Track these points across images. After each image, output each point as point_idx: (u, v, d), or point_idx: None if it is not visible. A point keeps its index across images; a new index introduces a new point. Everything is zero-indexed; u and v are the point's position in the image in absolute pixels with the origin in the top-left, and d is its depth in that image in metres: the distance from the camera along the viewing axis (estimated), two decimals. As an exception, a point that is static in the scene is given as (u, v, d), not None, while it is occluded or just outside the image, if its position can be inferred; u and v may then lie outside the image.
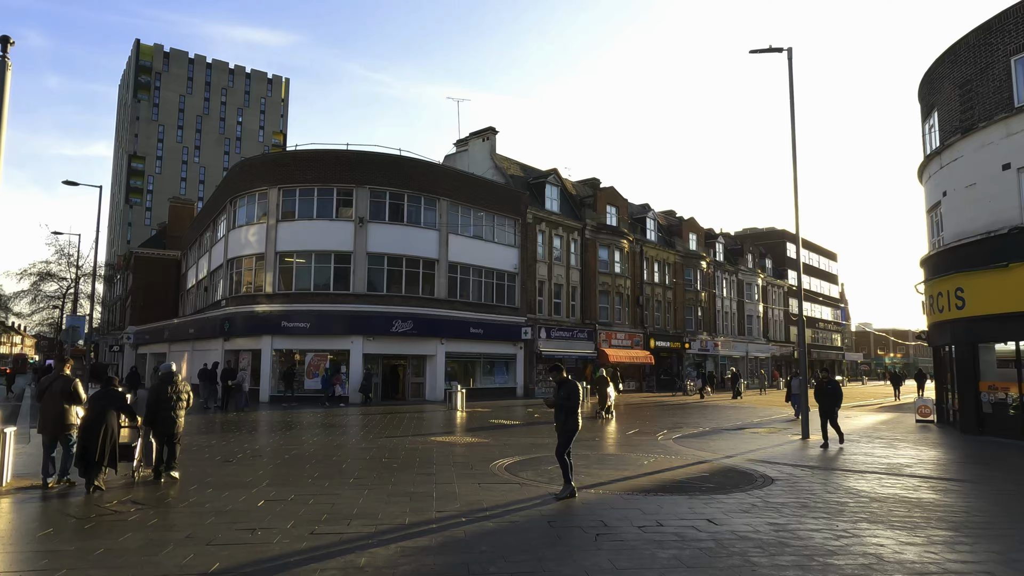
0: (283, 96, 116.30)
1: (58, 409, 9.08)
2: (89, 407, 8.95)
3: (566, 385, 8.77)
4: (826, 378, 15.64)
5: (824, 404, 15.05)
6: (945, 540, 6.72)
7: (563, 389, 8.75)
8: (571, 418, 8.63)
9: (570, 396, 8.65)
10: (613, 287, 40.25)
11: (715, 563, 5.80)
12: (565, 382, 8.83)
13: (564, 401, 8.64)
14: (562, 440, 8.63)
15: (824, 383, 15.34)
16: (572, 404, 8.63)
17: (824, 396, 15.08)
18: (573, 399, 8.64)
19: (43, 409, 9.19)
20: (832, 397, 15.01)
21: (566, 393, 8.67)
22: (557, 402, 8.74)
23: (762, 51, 17.46)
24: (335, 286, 28.39)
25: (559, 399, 8.72)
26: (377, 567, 5.61)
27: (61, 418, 9.08)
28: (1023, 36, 16.08)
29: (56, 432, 9.08)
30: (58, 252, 47.39)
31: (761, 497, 8.80)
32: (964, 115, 17.61)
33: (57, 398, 9.09)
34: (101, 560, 5.77)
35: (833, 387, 15.17)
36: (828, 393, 15.05)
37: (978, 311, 16.71)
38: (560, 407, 8.68)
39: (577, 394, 8.72)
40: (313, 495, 8.57)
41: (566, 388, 8.73)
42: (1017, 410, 16.07)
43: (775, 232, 69.34)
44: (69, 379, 9.30)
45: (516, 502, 8.31)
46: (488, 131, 39.29)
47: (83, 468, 8.64)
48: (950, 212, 18.32)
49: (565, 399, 8.64)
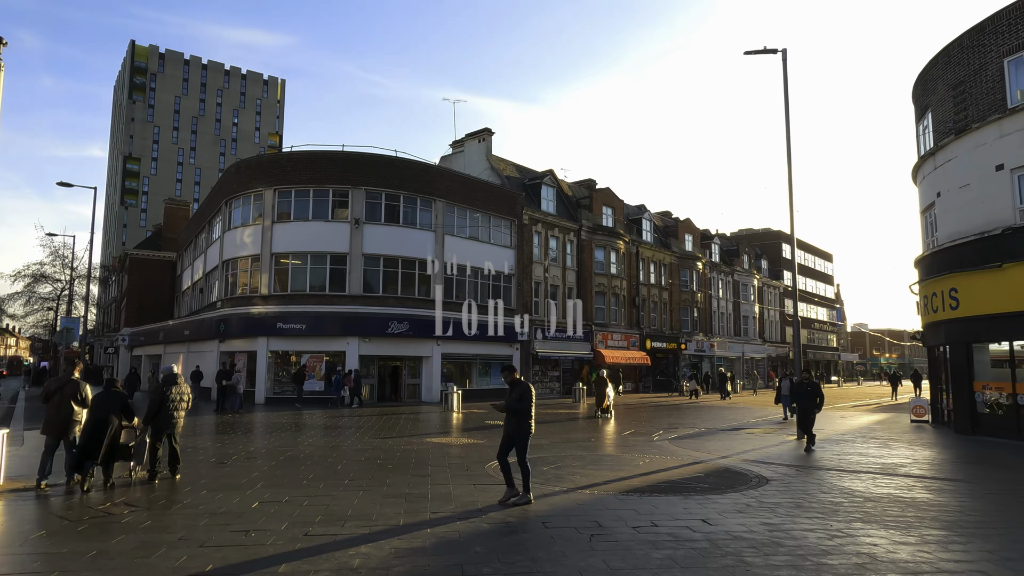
0: (279, 97, 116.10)
1: (67, 411, 9.17)
2: (93, 408, 9.14)
3: (518, 387, 8.24)
4: (806, 379, 14.82)
5: (802, 406, 14.37)
6: (939, 539, 6.74)
7: (515, 391, 8.21)
8: (524, 422, 8.11)
9: (522, 398, 8.13)
10: (609, 288, 40.30)
11: (709, 563, 5.81)
12: (517, 383, 8.29)
13: (516, 404, 8.12)
14: (518, 445, 8.15)
15: (804, 384, 14.62)
16: (524, 407, 8.12)
17: (802, 398, 14.41)
18: (525, 401, 8.13)
19: (50, 411, 9.24)
20: (811, 399, 14.26)
21: (518, 395, 8.15)
22: (509, 405, 8.17)
23: (757, 52, 17.53)
24: (331, 287, 28.37)
25: (511, 402, 8.17)
26: (371, 568, 5.60)
27: (69, 420, 9.19)
28: (1016, 37, 16.17)
29: (62, 433, 9.18)
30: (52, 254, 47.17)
31: (756, 497, 8.81)
32: (958, 116, 17.69)
33: (67, 401, 9.19)
34: (94, 562, 5.74)
35: (813, 388, 14.38)
36: (807, 395, 14.34)
37: (972, 311, 16.77)
38: (512, 411, 8.15)
39: (530, 396, 8.20)
40: (308, 497, 8.55)
41: (518, 390, 8.20)
42: (1011, 410, 16.13)
43: (771, 233, 69.50)
44: (79, 383, 9.43)
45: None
46: (484, 132, 39.32)
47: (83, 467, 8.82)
48: (944, 213, 18.39)
49: (516, 401, 8.12)
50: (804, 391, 14.44)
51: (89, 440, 8.83)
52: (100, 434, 8.85)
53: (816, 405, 14.25)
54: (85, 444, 8.83)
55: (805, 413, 14.33)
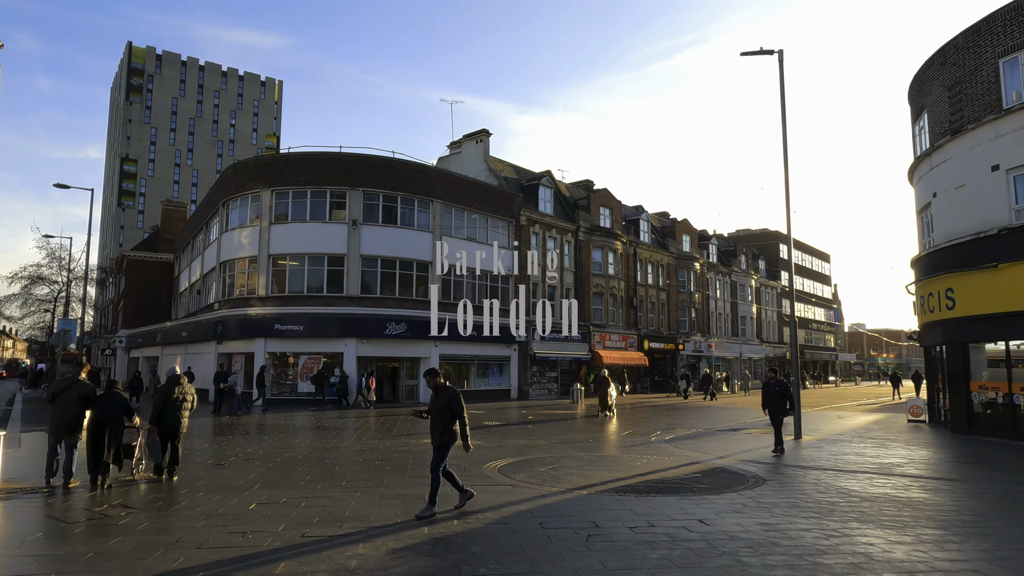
0: (276, 98, 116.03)
1: (74, 413, 9.23)
2: (96, 409, 9.32)
3: (444, 392, 7.67)
4: (772, 378, 14.05)
5: (772, 407, 13.54)
6: (934, 539, 6.76)
7: (440, 397, 7.65)
8: (449, 430, 7.54)
9: (449, 405, 7.56)
10: (607, 289, 40.32)
11: (705, 563, 5.82)
12: (443, 389, 7.73)
13: (440, 411, 7.58)
14: (436, 455, 7.58)
15: (771, 384, 13.82)
16: (457, 411, 7.56)
17: (770, 399, 13.60)
18: (455, 407, 7.56)
19: (55, 412, 9.28)
20: (780, 399, 13.52)
21: (444, 402, 7.58)
22: (433, 409, 7.65)
23: (753, 53, 17.56)
24: (328, 288, 28.36)
25: (434, 407, 7.65)
26: (368, 569, 5.61)
27: (76, 422, 9.27)
28: (1011, 38, 16.22)
29: (66, 434, 9.23)
30: (49, 255, 46.97)
31: (752, 497, 8.83)
32: (953, 117, 17.75)
33: (74, 402, 9.25)
34: (91, 564, 5.74)
35: (781, 388, 13.64)
36: (775, 395, 13.57)
37: (968, 311, 16.82)
38: (437, 416, 7.60)
39: (458, 401, 7.59)
40: (305, 498, 8.55)
41: (445, 395, 7.62)
42: (1007, 410, 16.17)
43: (768, 233, 69.59)
44: (87, 384, 9.49)
45: (508, 504, 8.31)
46: (481, 133, 39.32)
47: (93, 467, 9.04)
48: (940, 213, 18.44)
49: (443, 408, 7.56)
50: (772, 391, 13.65)
51: (95, 442, 9.04)
52: (103, 435, 9.05)
53: (785, 408, 13.49)
54: (93, 445, 9.04)
55: (774, 414, 13.56)
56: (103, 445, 9.02)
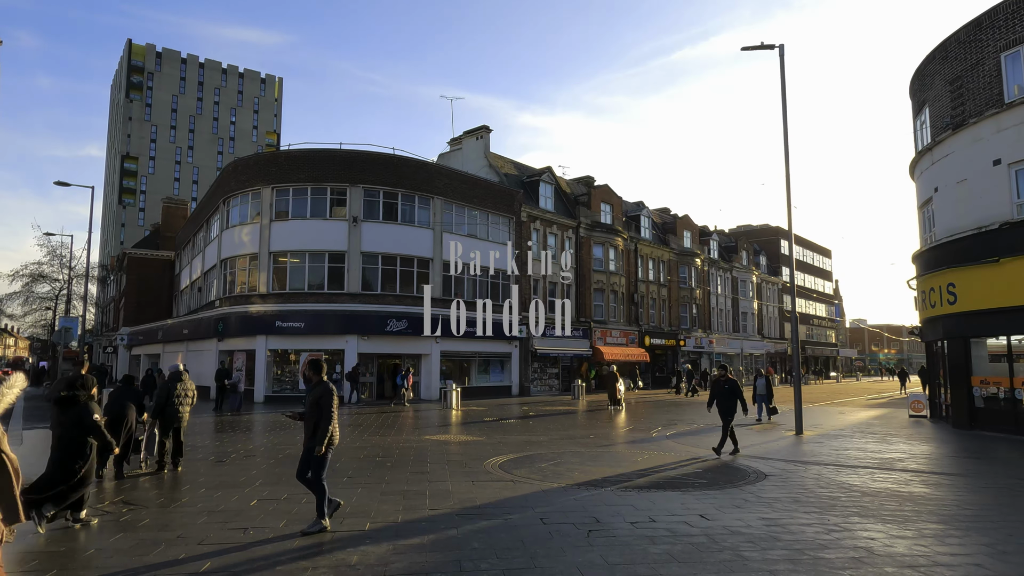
0: (276, 96, 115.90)
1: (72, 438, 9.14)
2: (110, 403, 9.59)
3: (318, 387, 6.80)
4: (721, 375, 13.29)
5: (722, 405, 12.71)
6: (935, 533, 6.75)
7: (313, 392, 6.81)
8: (321, 430, 6.62)
9: (318, 402, 6.71)
10: (608, 285, 40.30)
11: (706, 558, 5.82)
12: (319, 383, 6.85)
13: (311, 408, 6.77)
14: (306, 457, 6.72)
15: (720, 382, 13.05)
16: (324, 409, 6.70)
17: (720, 397, 12.82)
18: (323, 404, 6.71)
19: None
20: (729, 397, 12.73)
21: (313, 399, 6.74)
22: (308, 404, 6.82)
23: (754, 48, 17.49)
24: (329, 286, 28.36)
25: (306, 407, 6.86)
26: (369, 564, 5.61)
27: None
28: (1013, 32, 16.16)
29: None
30: (50, 253, 47.05)
31: (753, 492, 8.83)
32: (955, 111, 17.69)
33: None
34: (91, 560, 5.75)
35: (731, 386, 12.83)
36: (724, 393, 12.80)
37: (970, 306, 16.79)
38: (309, 415, 6.78)
39: (329, 400, 6.73)
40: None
41: (317, 391, 6.77)
42: (1008, 404, 16.16)
43: (769, 229, 69.52)
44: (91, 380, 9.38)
45: (509, 499, 8.31)
46: (482, 129, 39.26)
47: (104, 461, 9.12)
48: (941, 208, 18.40)
49: (311, 406, 6.75)
50: (721, 389, 12.88)
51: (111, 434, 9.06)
52: (117, 429, 9.24)
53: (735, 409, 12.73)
54: None
55: (723, 414, 12.71)
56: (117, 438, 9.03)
